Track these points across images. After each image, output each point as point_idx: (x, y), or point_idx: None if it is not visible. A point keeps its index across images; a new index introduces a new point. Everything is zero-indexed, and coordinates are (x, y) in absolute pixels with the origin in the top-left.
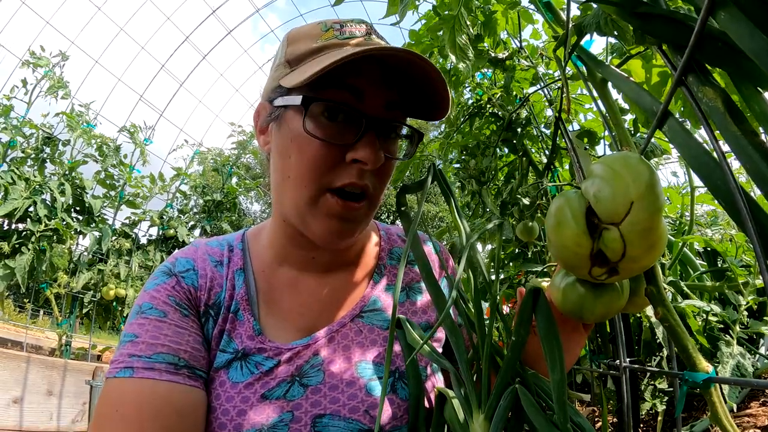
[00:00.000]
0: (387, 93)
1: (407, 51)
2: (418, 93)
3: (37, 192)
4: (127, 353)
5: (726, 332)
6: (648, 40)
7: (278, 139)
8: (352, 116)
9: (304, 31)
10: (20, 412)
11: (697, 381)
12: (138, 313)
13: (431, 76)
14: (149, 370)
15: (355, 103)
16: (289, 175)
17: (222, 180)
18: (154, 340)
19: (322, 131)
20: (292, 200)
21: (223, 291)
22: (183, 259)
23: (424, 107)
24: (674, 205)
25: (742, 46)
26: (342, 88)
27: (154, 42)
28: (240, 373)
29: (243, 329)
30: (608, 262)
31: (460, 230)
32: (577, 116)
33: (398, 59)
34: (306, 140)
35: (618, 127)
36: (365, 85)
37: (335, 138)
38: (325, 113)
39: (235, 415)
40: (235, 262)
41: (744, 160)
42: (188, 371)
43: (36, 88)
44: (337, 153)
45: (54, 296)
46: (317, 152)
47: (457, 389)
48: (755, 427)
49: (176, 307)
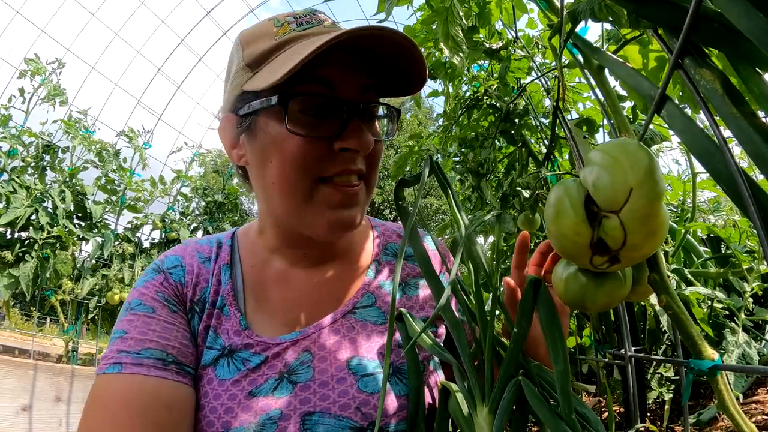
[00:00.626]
0: (359, 78)
1: (378, 27)
2: (393, 69)
3: (39, 200)
4: (116, 349)
5: (731, 319)
6: (643, 24)
7: (255, 148)
8: (331, 106)
9: (258, 31)
10: (29, 420)
11: (703, 369)
12: (127, 310)
13: (404, 45)
14: (137, 366)
15: (330, 92)
16: (273, 180)
17: (223, 181)
18: (143, 335)
19: (304, 128)
20: (284, 204)
21: (209, 286)
22: (172, 256)
23: (399, 82)
24: (676, 192)
25: (739, 26)
26: (313, 80)
27: (150, 46)
28: (227, 370)
29: (229, 324)
30: (609, 250)
31: (458, 222)
32: (576, 105)
33: (371, 40)
34: (288, 140)
35: (616, 114)
36: (337, 74)
37: (320, 131)
38: (302, 109)
39: (223, 413)
40: (222, 257)
41: (744, 142)
42: (176, 367)
43: (33, 96)
44: (322, 146)
45: (59, 303)
46: (302, 149)
47: (461, 383)
48: (763, 414)
49: (165, 303)
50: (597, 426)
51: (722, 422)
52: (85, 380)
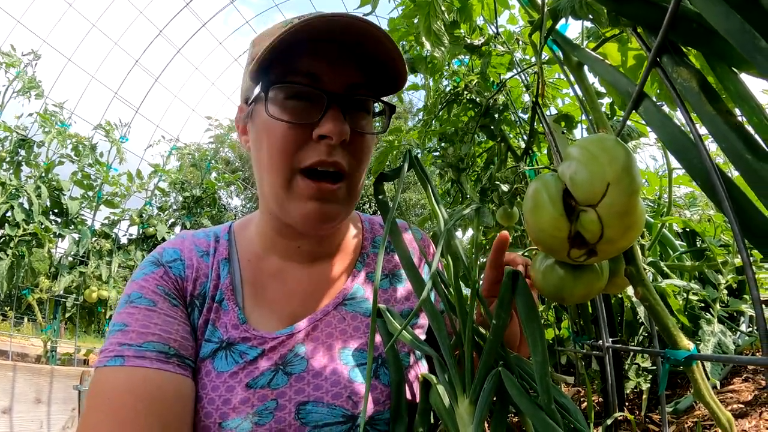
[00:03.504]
0: (348, 72)
1: (345, 14)
2: (377, 64)
3: (14, 196)
4: (117, 342)
5: (706, 311)
6: (622, 22)
7: (252, 134)
8: (314, 96)
9: (267, 32)
10: (10, 423)
11: (679, 359)
12: (127, 303)
13: (376, 37)
14: (140, 359)
15: (316, 84)
16: (263, 163)
17: (201, 175)
18: (144, 329)
19: (285, 113)
20: (270, 188)
21: (208, 281)
22: (170, 249)
23: (388, 80)
24: (652, 187)
25: (717, 26)
26: (299, 73)
27: (128, 37)
28: (225, 362)
29: (227, 318)
30: (587, 243)
31: (437, 216)
32: (555, 101)
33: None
34: (272, 125)
35: (594, 110)
36: (324, 67)
37: (299, 118)
38: (286, 97)
39: (221, 404)
40: (221, 252)
41: (719, 140)
42: (178, 360)
43: (8, 89)
44: (303, 132)
45: (36, 302)
46: (284, 134)
47: (441, 375)
48: (738, 402)
49: (165, 296)
50: (576, 415)
51: (699, 410)
52: (65, 380)
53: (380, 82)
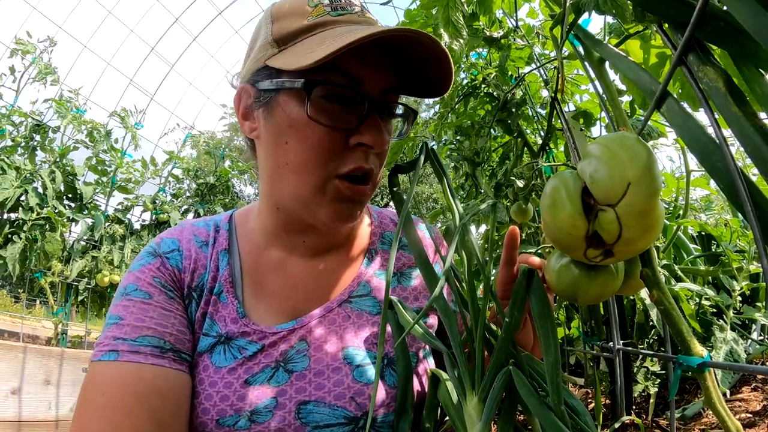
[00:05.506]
0: (386, 76)
1: (416, 31)
2: (418, 71)
3: (28, 181)
4: (112, 336)
5: (719, 317)
6: (648, 18)
7: (270, 125)
8: (354, 99)
9: (291, 7)
10: (19, 403)
11: (692, 365)
12: (123, 295)
13: (438, 55)
14: (134, 354)
15: (358, 87)
16: (287, 161)
17: (215, 163)
18: (140, 322)
19: (325, 116)
20: (294, 189)
21: (207, 272)
22: (168, 240)
23: (422, 85)
24: (669, 188)
25: (745, 25)
26: (339, 72)
27: (144, 25)
28: (223, 357)
29: (226, 312)
30: (604, 243)
31: (452, 210)
32: (573, 97)
33: (406, 41)
34: (308, 126)
35: (615, 107)
36: (364, 69)
37: (339, 123)
38: (324, 97)
39: (219, 401)
40: (220, 242)
41: (745, 142)
42: (174, 354)
43: (24, 75)
44: (341, 138)
45: (49, 285)
46: (321, 138)
47: (451, 371)
48: (747, 412)
49: (161, 288)
50: (585, 417)
51: (706, 418)
52: (74, 363)
53: (412, 84)
